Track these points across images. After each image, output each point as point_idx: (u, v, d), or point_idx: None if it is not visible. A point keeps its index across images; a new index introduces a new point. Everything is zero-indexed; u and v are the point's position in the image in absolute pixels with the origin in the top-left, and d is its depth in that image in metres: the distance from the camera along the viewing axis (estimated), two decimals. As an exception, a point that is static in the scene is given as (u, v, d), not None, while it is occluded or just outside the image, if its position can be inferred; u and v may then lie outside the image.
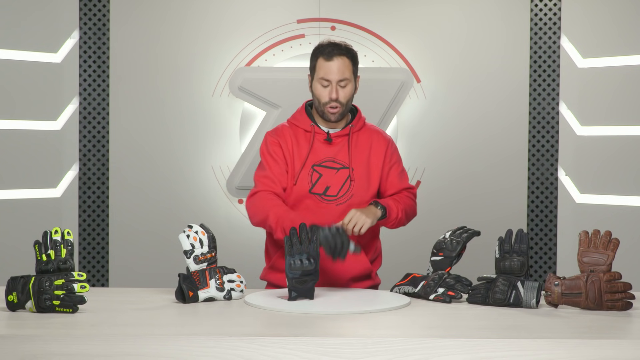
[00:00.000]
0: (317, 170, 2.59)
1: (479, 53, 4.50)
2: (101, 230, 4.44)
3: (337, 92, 2.54)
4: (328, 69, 2.53)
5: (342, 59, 2.54)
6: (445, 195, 4.51)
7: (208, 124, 4.47)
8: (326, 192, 2.58)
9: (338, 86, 2.54)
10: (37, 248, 2.08)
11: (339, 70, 2.53)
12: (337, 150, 2.61)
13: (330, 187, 2.58)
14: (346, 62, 2.55)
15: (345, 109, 2.58)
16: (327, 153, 2.60)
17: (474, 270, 2.60)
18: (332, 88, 2.54)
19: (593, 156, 4.33)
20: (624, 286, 2.11)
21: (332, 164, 2.60)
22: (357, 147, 2.63)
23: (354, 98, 2.64)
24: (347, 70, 2.54)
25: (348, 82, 2.55)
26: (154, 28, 4.46)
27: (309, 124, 2.63)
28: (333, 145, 2.62)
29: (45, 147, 4.27)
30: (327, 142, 2.61)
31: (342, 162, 2.60)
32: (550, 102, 4.45)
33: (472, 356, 1.73)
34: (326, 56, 2.54)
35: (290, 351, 1.73)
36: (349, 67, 2.55)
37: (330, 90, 2.54)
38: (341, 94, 2.55)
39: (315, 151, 2.60)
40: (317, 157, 2.60)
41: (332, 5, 4.48)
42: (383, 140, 2.68)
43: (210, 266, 2.26)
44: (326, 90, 2.55)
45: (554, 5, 4.42)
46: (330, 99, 2.55)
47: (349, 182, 2.58)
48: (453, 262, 2.37)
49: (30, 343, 1.74)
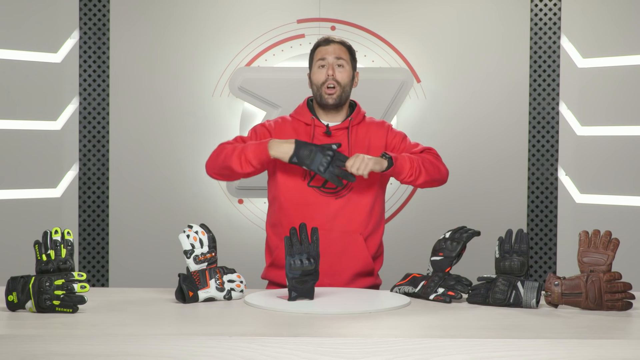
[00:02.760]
0: None
1: (479, 53, 4.50)
2: (101, 230, 4.44)
3: (334, 70, 2.61)
4: (325, 51, 2.64)
5: (339, 45, 2.66)
6: (445, 195, 4.50)
7: (208, 124, 4.47)
8: (325, 185, 2.60)
9: (336, 65, 2.62)
10: (37, 248, 2.08)
11: (335, 51, 2.63)
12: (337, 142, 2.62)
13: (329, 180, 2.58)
14: (343, 48, 2.67)
15: (343, 92, 2.63)
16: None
17: (474, 270, 2.60)
18: (329, 67, 2.61)
19: (593, 156, 4.33)
20: (624, 286, 2.11)
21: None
22: (357, 139, 2.65)
23: (351, 93, 2.68)
24: (343, 54, 2.65)
25: (345, 63, 2.64)
26: (154, 28, 4.46)
27: (310, 117, 2.65)
28: (332, 138, 2.64)
29: (45, 147, 4.27)
30: (326, 135, 2.64)
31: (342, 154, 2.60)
32: (550, 102, 4.45)
33: (472, 356, 1.73)
34: (323, 43, 2.66)
35: (290, 351, 1.73)
36: (346, 52, 2.66)
37: (327, 69, 2.61)
38: (338, 74, 2.62)
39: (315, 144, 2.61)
40: None
41: (332, 5, 4.48)
42: (381, 128, 2.70)
43: (210, 266, 2.26)
44: (323, 71, 2.62)
45: (554, 5, 4.42)
46: (327, 77, 2.60)
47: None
48: (453, 262, 2.37)
49: (30, 343, 1.74)
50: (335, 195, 2.59)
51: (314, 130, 2.64)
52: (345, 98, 2.65)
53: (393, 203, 4.50)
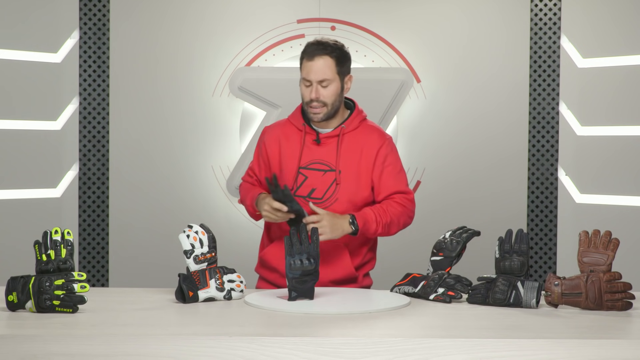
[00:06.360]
0: (303, 172, 2.56)
1: (479, 53, 4.50)
2: (101, 230, 4.44)
3: (317, 92, 2.51)
4: (309, 69, 2.52)
5: (324, 59, 2.51)
6: (445, 195, 4.51)
7: (208, 124, 4.47)
8: (311, 195, 2.55)
9: (319, 86, 2.51)
10: (37, 248, 2.08)
11: (319, 70, 2.50)
12: (326, 151, 2.58)
13: (315, 190, 2.55)
14: (328, 62, 2.51)
15: (330, 109, 2.54)
16: (315, 155, 2.57)
17: (474, 270, 2.60)
18: (313, 88, 2.51)
19: (593, 156, 4.33)
20: (624, 286, 2.11)
21: (319, 166, 2.57)
22: (348, 148, 2.58)
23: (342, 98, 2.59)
24: (328, 70, 2.51)
25: (330, 82, 2.51)
26: (154, 28, 4.46)
27: (302, 123, 2.61)
28: (322, 146, 2.58)
29: (45, 147, 4.27)
30: (315, 143, 2.59)
31: (330, 164, 2.56)
32: (550, 102, 4.45)
33: (472, 356, 1.73)
34: (308, 56, 2.53)
35: (290, 351, 1.73)
36: (332, 66, 2.52)
37: (311, 90, 2.52)
38: (322, 94, 2.51)
39: (304, 152, 2.58)
40: (304, 159, 2.58)
41: (332, 5, 4.48)
42: (377, 140, 2.61)
43: (210, 266, 2.26)
44: (308, 90, 2.53)
45: (554, 5, 4.42)
46: (311, 99, 2.52)
47: (334, 186, 2.55)
48: (453, 262, 2.37)
49: (30, 343, 1.74)
50: (320, 205, 2.53)
51: (304, 137, 2.59)
52: (333, 112, 2.56)
53: (393, 203, 4.50)
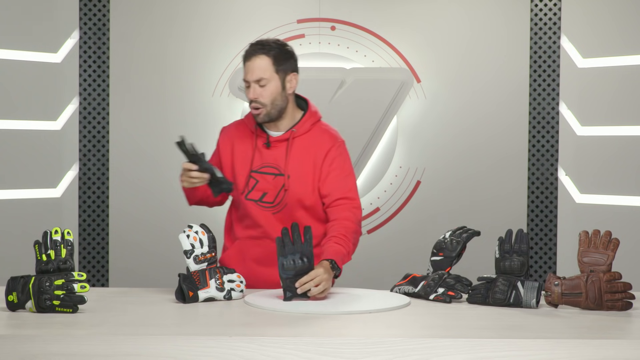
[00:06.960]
0: (254, 176, 2.54)
1: (479, 53, 4.50)
2: (101, 230, 4.44)
3: (255, 92, 2.49)
4: (246, 70, 2.50)
5: (260, 58, 2.47)
6: (445, 195, 4.51)
7: (208, 124, 4.47)
8: (262, 199, 2.54)
9: (257, 86, 2.48)
10: (37, 248, 2.08)
11: (255, 70, 2.47)
12: (275, 155, 2.55)
13: (267, 194, 2.53)
14: (265, 61, 2.47)
15: (271, 108, 2.50)
16: (265, 158, 2.55)
17: (474, 270, 2.59)
18: (250, 88, 2.50)
19: (593, 156, 4.33)
20: (624, 286, 2.11)
21: (269, 170, 2.54)
22: (297, 152, 2.54)
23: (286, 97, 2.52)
24: (266, 69, 2.47)
25: (267, 81, 2.47)
26: (153, 28, 4.46)
27: (254, 125, 2.58)
28: (272, 150, 2.55)
29: (45, 147, 4.27)
30: (265, 147, 2.56)
31: (279, 168, 2.54)
32: (550, 102, 4.45)
33: (472, 356, 1.73)
34: (246, 56, 2.51)
35: (290, 351, 1.73)
36: (269, 66, 2.47)
37: (249, 90, 2.50)
38: (260, 94, 2.48)
39: (256, 156, 2.56)
40: (255, 163, 2.55)
41: (332, 5, 4.48)
42: (327, 143, 2.56)
43: (210, 266, 2.26)
44: (247, 91, 2.52)
45: (554, 5, 4.42)
46: (250, 99, 2.50)
47: (283, 191, 2.52)
48: (453, 262, 2.37)
49: (30, 343, 1.74)
50: (272, 209, 2.53)
51: (256, 140, 2.57)
52: (276, 113, 2.52)
53: (393, 203, 4.51)
